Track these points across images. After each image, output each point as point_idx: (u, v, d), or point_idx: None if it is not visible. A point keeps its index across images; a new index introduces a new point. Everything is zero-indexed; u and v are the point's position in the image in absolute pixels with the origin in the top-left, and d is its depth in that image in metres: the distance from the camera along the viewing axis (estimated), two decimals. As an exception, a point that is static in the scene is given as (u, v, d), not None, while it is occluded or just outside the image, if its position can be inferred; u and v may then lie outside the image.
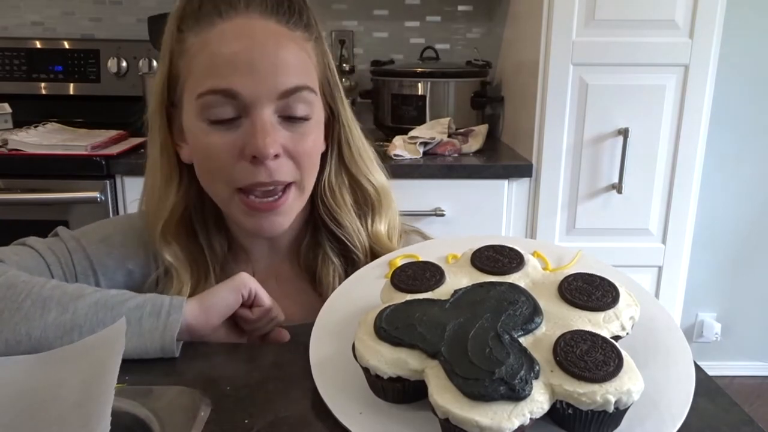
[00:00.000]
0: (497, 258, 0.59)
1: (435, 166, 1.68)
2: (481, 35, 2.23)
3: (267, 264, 0.82)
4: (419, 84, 1.95)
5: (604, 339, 0.47)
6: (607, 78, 1.62)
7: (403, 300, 0.54)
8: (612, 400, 0.43)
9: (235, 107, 0.68)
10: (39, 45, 2.09)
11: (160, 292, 0.74)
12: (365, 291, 0.61)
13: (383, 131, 2.04)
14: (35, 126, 1.85)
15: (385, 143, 1.84)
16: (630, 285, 0.58)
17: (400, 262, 0.62)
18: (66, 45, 2.09)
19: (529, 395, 0.43)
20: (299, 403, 0.53)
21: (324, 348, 0.57)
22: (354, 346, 0.50)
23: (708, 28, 1.57)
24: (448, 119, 1.86)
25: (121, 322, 0.52)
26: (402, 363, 0.48)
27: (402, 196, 1.63)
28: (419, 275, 0.57)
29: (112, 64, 2.05)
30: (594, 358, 0.45)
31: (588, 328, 0.49)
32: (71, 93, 2.09)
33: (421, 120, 1.93)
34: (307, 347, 0.57)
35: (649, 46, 1.59)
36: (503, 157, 1.82)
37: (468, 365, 0.45)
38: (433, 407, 0.45)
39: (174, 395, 0.55)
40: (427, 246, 0.71)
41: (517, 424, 0.42)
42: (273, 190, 0.71)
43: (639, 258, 1.73)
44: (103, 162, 1.63)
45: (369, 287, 0.61)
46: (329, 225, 0.80)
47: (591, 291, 0.53)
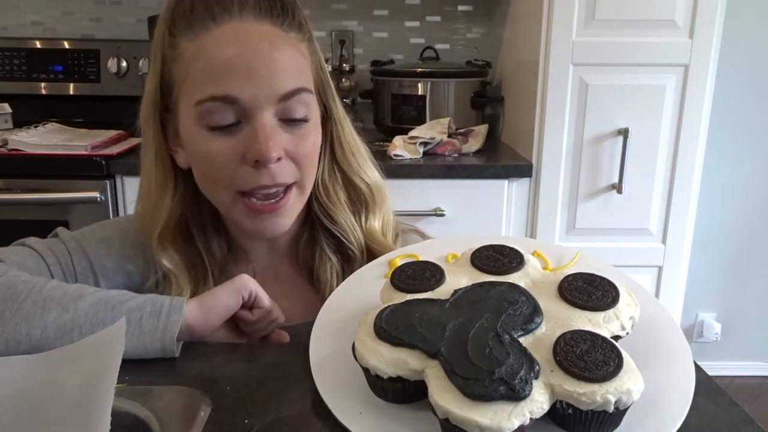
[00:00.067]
0: (497, 258, 0.59)
1: (435, 166, 1.68)
2: (481, 35, 2.23)
3: (266, 264, 0.82)
4: (419, 84, 1.95)
5: (604, 339, 0.47)
6: (607, 78, 1.62)
7: (403, 300, 0.54)
8: (612, 400, 0.43)
9: (236, 113, 0.68)
10: (39, 45, 2.09)
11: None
12: (365, 291, 0.61)
13: (383, 131, 2.04)
14: (35, 126, 1.85)
15: (385, 143, 1.84)
16: (630, 285, 0.58)
17: (399, 261, 0.62)
18: (66, 45, 2.09)
19: (529, 395, 0.43)
20: (299, 403, 0.53)
21: (324, 348, 0.57)
22: (354, 346, 0.50)
23: (708, 28, 1.57)
24: (448, 119, 1.86)
25: (121, 322, 0.52)
26: (402, 363, 0.48)
27: (402, 196, 1.64)
28: (419, 275, 0.57)
29: (112, 64, 2.05)
30: (594, 357, 0.45)
31: (588, 327, 0.49)
32: (71, 93, 2.09)
33: (421, 120, 1.93)
34: (307, 347, 0.57)
35: (649, 46, 1.59)
36: (503, 157, 1.82)
37: (468, 365, 0.45)
38: (433, 407, 0.45)
39: (174, 395, 0.55)
40: (427, 246, 0.71)
41: (517, 424, 0.42)
42: (275, 192, 0.72)
43: (639, 258, 1.73)
44: (103, 162, 1.63)
45: (369, 287, 0.61)
46: (324, 222, 0.80)
47: (591, 291, 0.53)
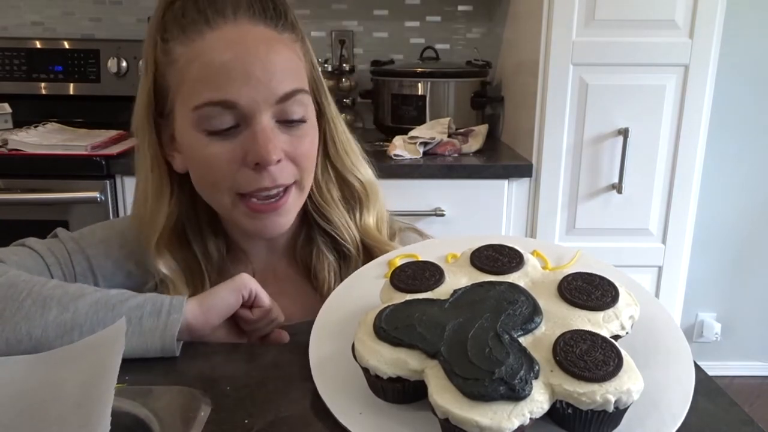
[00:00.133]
0: (497, 257, 0.59)
1: (435, 166, 1.68)
2: (481, 35, 2.23)
3: (265, 263, 0.83)
4: (419, 84, 1.95)
5: (603, 338, 0.47)
6: (607, 78, 1.62)
7: (403, 300, 0.54)
8: (612, 399, 0.43)
9: (234, 116, 0.68)
10: (39, 45, 2.09)
11: None
12: (365, 291, 0.61)
13: (383, 131, 2.04)
14: (35, 126, 1.85)
15: (385, 143, 1.84)
16: (630, 284, 0.58)
17: (399, 261, 0.62)
18: (66, 45, 2.09)
19: (529, 395, 0.43)
20: (299, 403, 0.53)
21: (324, 348, 0.57)
22: (354, 346, 0.51)
23: (708, 28, 1.57)
24: (448, 119, 1.86)
25: (121, 322, 0.52)
26: (402, 363, 0.48)
27: (402, 196, 1.64)
28: (419, 275, 0.57)
29: (112, 64, 2.05)
30: (594, 357, 0.45)
31: (588, 327, 0.49)
32: (71, 93, 2.09)
33: (421, 120, 1.93)
34: (307, 347, 0.57)
35: (649, 46, 1.59)
36: (503, 157, 1.82)
37: (468, 365, 0.45)
38: (433, 407, 0.45)
39: (174, 395, 0.55)
40: (427, 245, 0.71)
41: (517, 424, 0.42)
42: (275, 193, 0.72)
43: (639, 258, 1.73)
44: (103, 162, 1.63)
45: (368, 287, 0.61)
46: (319, 221, 0.81)
47: (590, 290, 0.53)
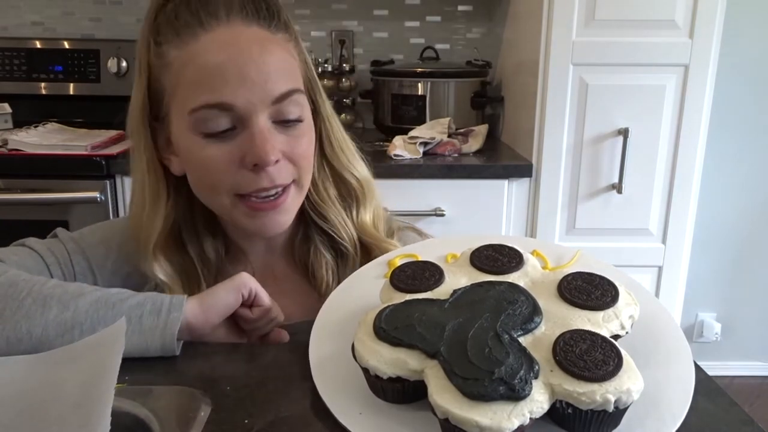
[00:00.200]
0: (496, 257, 0.59)
1: (435, 166, 1.68)
2: (481, 35, 2.23)
3: (264, 263, 0.83)
4: (419, 84, 1.95)
5: (603, 338, 0.47)
6: (607, 78, 1.62)
7: (403, 300, 0.54)
8: (612, 399, 0.43)
9: (231, 118, 0.68)
10: (39, 45, 2.09)
11: None
12: (364, 291, 0.61)
13: (383, 131, 2.04)
14: (35, 126, 1.85)
15: (385, 143, 1.84)
16: (630, 284, 0.58)
17: (399, 261, 0.62)
18: (66, 45, 2.09)
19: (529, 395, 0.43)
20: (299, 403, 0.53)
21: (324, 348, 0.57)
22: (353, 346, 0.51)
23: (708, 28, 1.57)
24: (448, 119, 1.86)
25: (121, 321, 0.52)
26: (401, 363, 0.48)
27: (402, 196, 1.65)
28: (418, 275, 0.57)
29: (112, 64, 2.05)
30: (593, 357, 0.45)
31: (587, 327, 0.49)
32: (71, 93, 2.09)
33: (421, 120, 1.93)
34: (307, 347, 0.57)
35: (649, 46, 1.59)
36: (503, 157, 1.82)
37: (467, 365, 0.45)
38: (433, 407, 0.45)
39: (174, 395, 0.55)
40: (427, 245, 0.71)
41: (517, 424, 0.42)
42: (274, 193, 0.72)
43: (639, 258, 1.73)
44: (103, 162, 1.63)
45: (368, 287, 0.61)
46: (316, 220, 0.81)
47: (590, 290, 0.53)
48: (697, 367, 0.53)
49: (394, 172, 1.64)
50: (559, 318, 0.51)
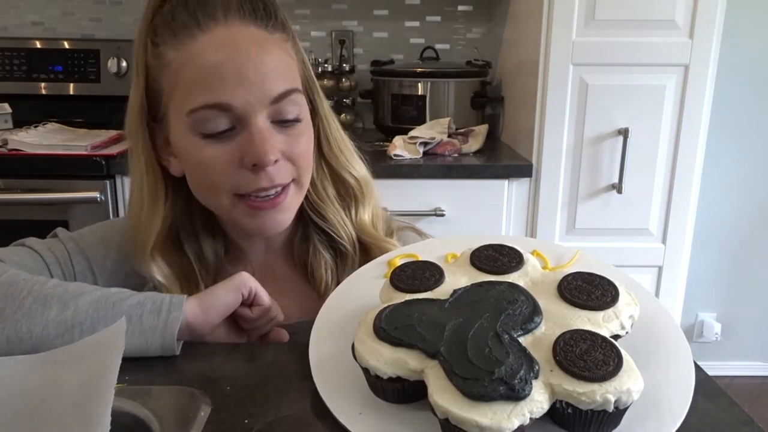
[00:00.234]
0: (496, 257, 0.59)
1: (435, 166, 1.68)
2: (481, 35, 2.23)
3: (263, 263, 0.83)
4: (419, 84, 1.95)
5: (603, 338, 0.47)
6: (607, 78, 1.62)
7: (403, 300, 0.54)
8: (612, 399, 0.43)
9: (229, 119, 0.68)
10: (39, 45, 2.09)
11: None
12: (364, 291, 0.61)
13: (383, 131, 2.04)
14: (35, 126, 1.85)
15: (385, 143, 1.84)
16: (630, 284, 0.58)
17: (399, 261, 0.62)
18: (66, 45, 2.09)
19: (529, 395, 0.43)
20: (299, 403, 0.53)
21: (324, 348, 0.57)
22: (354, 346, 0.50)
23: (708, 28, 1.57)
24: (448, 119, 1.86)
25: (121, 321, 0.53)
26: (401, 363, 0.48)
27: (402, 196, 1.65)
28: (418, 275, 0.57)
29: (112, 64, 2.05)
30: (593, 357, 0.45)
31: (587, 327, 0.49)
32: (71, 93, 2.09)
33: (421, 120, 1.93)
34: (307, 347, 0.57)
35: (649, 46, 1.59)
36: (503, 157, 1.82)
37: (467, 365, 0.45)
38: (433, 407, 0.45)
39: (174, 395, 0.55)
40: (427, 245, 0.71)
41: (517, 424, 0.42)
42: (274, 192, 0.72)
43: (639, 258, 1.73)
44: (103, 162, 1.63)
45: (368, 287, 0.61)
46: (314, 219, 0.81)
47: (590, 290, 0.53)
48: (697, 367, 0.53)
49: (394, 172, 1.64)
50: (559, 318, 0.51)
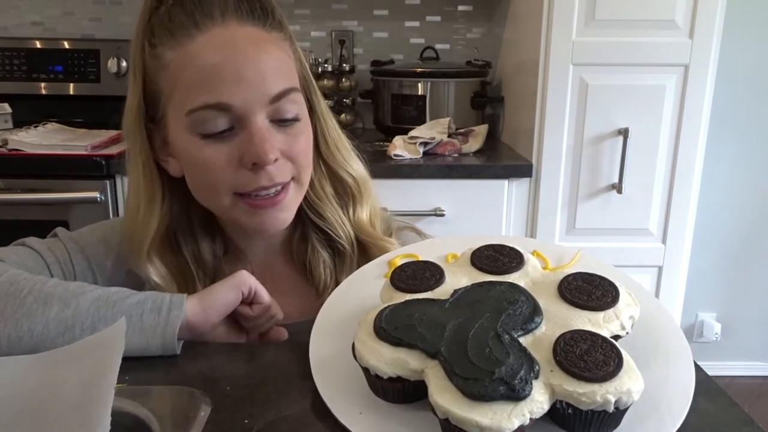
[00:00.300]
0: (497, 257, 0.59)
1: (435, 166, 1.68)
2: (481, 35, 2.23)
3: (262, 262, 0.83)
4: (419, 84, 1.95)
5: (604, 339, 0.47)
6: (607, 78, 1.62)
7: (403, 300, 0.54)
8: (612, 399, 0.43)
9: (229, 119, 0.68)
10: (39, 45, 2.09)
11: None
12: (365, 291, 0.61)
13: (383, 131, 2.04)
14: (35, 126, 1.85)
15: (385, 143, 1.84)
16: (630, 285, 0.57)
17: (399, 261, 0.62)
18: (66, 45, 2.09)
19: (529, 395, 0.43)
20: (299, 403, 0.53)
21: (324, 348, 0.57)
22: (354, 346, 0.50)
23: (708, 28, 1.57)
24: (448, 119, 1.86)
25: (121, 321, 0.52)
26: (402, 363, 0.48)
27: (402, 196, 1.65)
28: (419, 275, 0.57)
29: (112, 64, 2.05)
30: (594, 357, 0.45)
31: (588, 327, 0.49)
32: (71, 93, 2.09)
33: (421, 120, 1.93)
34: (307, 347, 0.57)
35: (649, 46, 1.59)
36: (503, 157, 1.82)
37: (468, 365, 0.45)
38: (433, 407, 0.45)
39: (174, 395, 0.55)
40: (427, 245, 0.71)
41: (517, 424, 0.42)
42: (274, 192, 0.72)
43: (639, 258, 1.73)
44: (103, 162, 1.63)
45: (368, 287, 0.61)
46: (312, 218, 0.81)
47: (591, 290, 0.53)
48: (697, 367, 0.53)
49: (394, 172, 1.64)
50: (560, 318, 0.51)
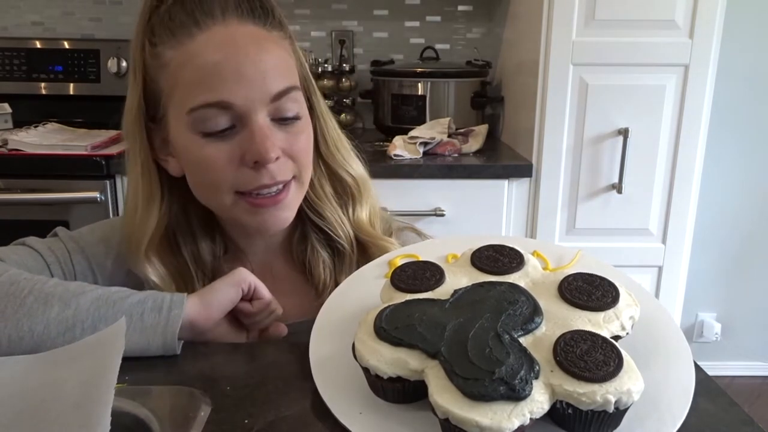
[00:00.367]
0: (497, 258, 0.59)
1: (435, 166, 1.68)
2: (481, 35, 2.23)
3: (262, 261, 0.83)
4: (419, 84, 1.95)
5: (604, 339, 0.47)
6: (607, 78, 1.62)
7: (403, 300, 0.54)
8: (612, 400, 0.43)
9: (230, 117, 0.68)
10: (39, 45, 2.09)
11: None
12: (365, 291, 0.61)
13: (383, 131, 2.04)
14: (35, 126, 1.85)
15: (385, 143, 1.84)
16: (630, 285, 0.58)
17: (399, 261, 0.62)
18: (66, 45, 2.09)
19: (529, 395, 0.43)
20: (299, 403, 0.53)
21: (324, 348, 0.57)
22: (354, 346, 0.51)
23: (708, 28, 1.57)
24: (448, 119, 1.86)
25: (121, 321, 0.52)
26: (402, 363, 0.48)
27: (402, 196, 1.65)
28: (419, 275, 0.57)
29: (112, 64, 2.05)
30: (594, 358, 0.45)
31: (588, 328, 0.49)
32: (71, 93, 2.09)
33: (421, 120, 1.93)
34: (307, 347, 0.57)
35: (649, 46, 1.59)
36: (503, 157, 1.82)
37: (468, 365, 0.45)
38: (433, 407, 0.45)
39: (174, 395, 0.55)
40: (427, 246, 0.71)
41: (517, 424, 0.42)
42: (275, 190, 0.72)
43: (639, 258, 1.73)
44: (103, 162, 1.63)
45: (368, 287, 0.61)
46: (312, 217, 0.81)
47: (591, 291, 0.53)
48: (697, 367, 0.53)
49: (394, 172, 1.64)
50: (560, 318, 0.51)
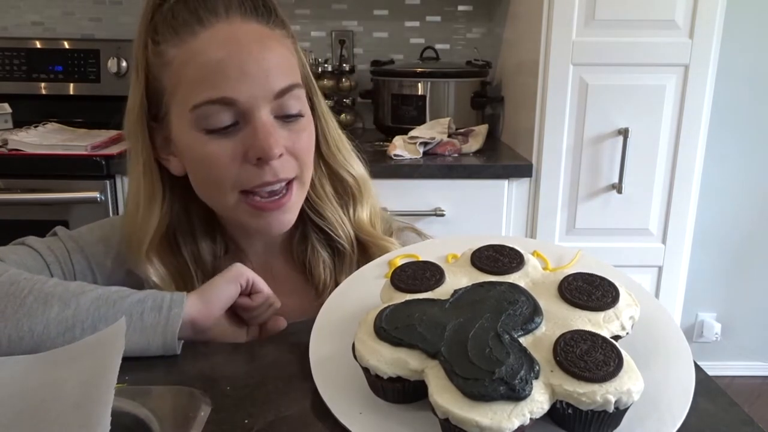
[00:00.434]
0: (497, 258, 0.59)
1: (435, 166, 1.68)
2: (481, 35, 2.23)
3: (262, 261, 0.83)
4: (419, 84, 1.95)
5: (604, 339, 0.47)
6: (607, 78, 1.62)
7: (403, 300, 0.54)
8: (612, 400, 0.43)
9: (233, 114, 0.68)
10: (39, 45, 2.09)
11: None
12: (365, 291, 0.61)
13: (383, 131, 2.04)
14: (35, 126, 1.85)
15: (385, 143, 1.84)
16: (630, 285, 0.58)
17: (399, 261, 0.62)
18: (66, 45, 2.09)
19: (529, 395, 0.43)
20: (299, 403, 0.53)
21: (324, 348, 0.57)
22: (354, 346, 0.51)
23: (708, 28, 1.57)
24: (448, 119, 1.86)
25: (121, 321, 0.52)
26: (402, 363, 0.48)
27: (402, 196, 1.65)
28: (419, 275, 0.57)
29: (112, 64, 2.05)
30: (594, 358, 0.45)
31: (588, 327, 0.49)
32: (71, 93, 2.09)
33: (421, 120, 1.93)
34: (307, 347, 0.57)
35: (649, 46, 1.59)
36: (503, 157, 1.82)
37: (468, 365, 0.45)
38: (433, 407, 0.45)
39: (174, 395, 0.55)
40: (427, 245, 0.71)
41: (517, 424, 0.42)
42: (278, 189, 0.72)
43: (639, 258, 1.73)
44: (103, 162, 1.63)
45: (368, 287, 0.61)
46: (313, 217, 0.81)
47: (591, 291, 0.53)
48: (697, 367, 0.53)
49: (394, 172, 1.64)
50: (560, 318, 0.51)
